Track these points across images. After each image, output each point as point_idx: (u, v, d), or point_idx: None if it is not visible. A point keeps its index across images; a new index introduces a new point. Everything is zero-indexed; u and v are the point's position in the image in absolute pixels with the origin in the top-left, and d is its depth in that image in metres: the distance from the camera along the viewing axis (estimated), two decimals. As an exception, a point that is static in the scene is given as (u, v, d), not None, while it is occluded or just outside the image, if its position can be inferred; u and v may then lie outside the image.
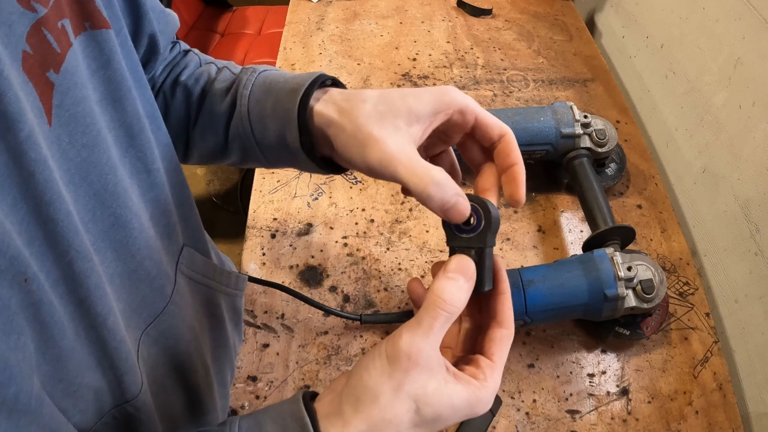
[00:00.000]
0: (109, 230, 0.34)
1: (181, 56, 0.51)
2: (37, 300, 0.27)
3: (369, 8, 1.17)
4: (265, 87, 0.43)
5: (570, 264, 0.63)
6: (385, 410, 0.31)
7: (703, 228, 0.81)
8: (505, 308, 0.36)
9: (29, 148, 0.26)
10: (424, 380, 0.31)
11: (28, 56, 0.28)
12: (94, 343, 0.33)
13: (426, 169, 0.34)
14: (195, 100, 0.48)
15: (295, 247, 0.75)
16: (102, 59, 0.34)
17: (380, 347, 0.33)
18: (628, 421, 0.62)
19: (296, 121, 0.40)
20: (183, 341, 0.45)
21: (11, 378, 0.24)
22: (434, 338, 0.32)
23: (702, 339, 0.68)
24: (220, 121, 0.46)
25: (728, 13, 0.76)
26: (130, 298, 0.38)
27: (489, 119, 0.39)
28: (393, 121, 0.36)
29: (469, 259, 0.34)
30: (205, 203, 1.94)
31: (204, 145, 0.49)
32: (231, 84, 0.46)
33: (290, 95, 0.40)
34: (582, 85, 1.00)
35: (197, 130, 0.48)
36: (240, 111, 0.44)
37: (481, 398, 0.33)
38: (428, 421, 0.32)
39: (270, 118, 0.42)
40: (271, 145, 0.43)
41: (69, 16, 0.31)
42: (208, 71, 0.49)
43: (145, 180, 0.39)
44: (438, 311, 0.32)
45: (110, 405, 0.35)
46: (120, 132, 0.36)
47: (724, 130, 0.77)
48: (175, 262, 0.45)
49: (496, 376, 0.34)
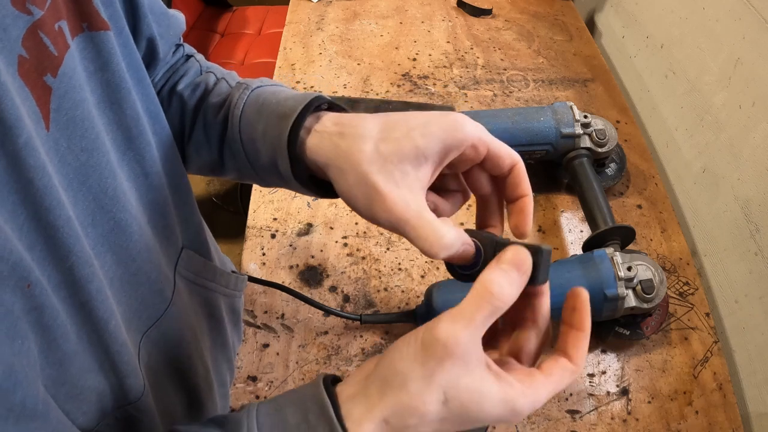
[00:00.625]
0: (109, 234, 0.34)
1: (183, 61, 0.49)
2: (40, 304, 0.27)
3: (369, 8, 1.17)
4: (257, 108, 0.41)
5: (570, 264, 0.63)
6: (412, 397, 0.29)
7: (703, 228, 0.81)
8: (581, 341, 0.33)
9: (28, 154, 0.26)
10: (457, 372, 0.29)
11: (24, 60, 0.27)
12: (97, 347, 0.33)
13: (436, 232, 0.32)
14: (189, 112, 0.46)
15: (295, 247, 0.75)
16: (100, 61, 0.33)
17: (417, 332, 0.31)
18: (628, 421, 0.61)
19: (286, 151, 0.38)
20: (183, 343, 0.45)
21: (17, 384, 0.24)
22: (475, 330, 0.29)
23: (702, 339, 0.68)
24: (214, 138, 0.44)
25: (728, 13, 0.76)
26: (130, 302, 0.38)
27: (501, 150, 0.36)
28: (399, 166, 0.34)
29: (526, 252, 0.32)
30: (205, 203, 1.94)
31: (200, 161, 0.47)
32: (224, 100, 0.44)
33: (281, 121, 0.38)
34: (582, 85, 1.00)
35: (192, 145, 0.46)
36: (232, 131, 0.42)
37: (518, 405, 0.30)
38: (455, 416, 0.30)
39: (261, 143, 0.40)
40: (264, 168, 0.41)
41: (66, 17, 0.31)
42: (205, 82, 0.46)
43: (143, 183, 0.39)
44: (484, 303, 0.29)
45: (112, 407, 0.35)
46: (118, 134, 0.36)
47: (724, 130, 0.77)
48: (174, 265, 0.45)
49: (542, 392, 0.30)
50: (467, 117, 0.35)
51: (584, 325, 0.33)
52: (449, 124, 0.34)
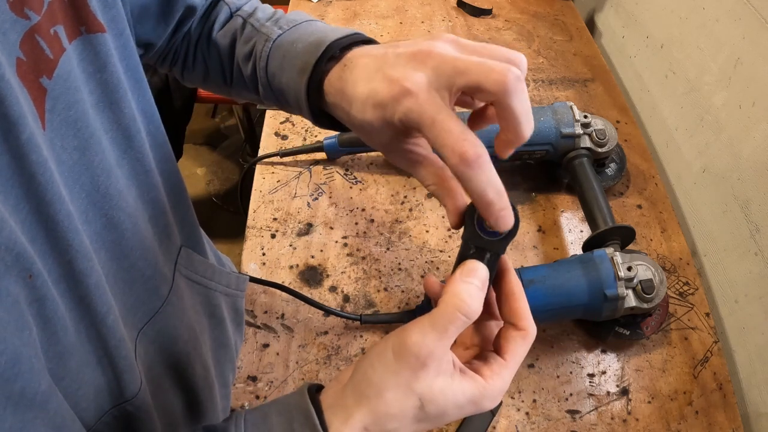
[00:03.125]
0: (102, 231, 0.35)
1: (213, 7, 0.51)
2: (41, 296, 0.28)
3: (369, 8, 1.17)
4: (279, 61, 0.43)
5: (570, 264, 0.63)
6: (389, 405, 0.31)
7: (703, 228, 0.81)
8: (520, 308, 0.35)
9: (30, 150, 0.27)
10: (431, 379, 0.31)
11: (21, 62, 0.28)
12: (95, 341, 0.33)
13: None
14: (226, 59, 0.49)
15: (295, 247, 0.75)
16: (98, 63, 0.34)
17: (387, 342, 0.32)
18: (628, 421, 0.62)
19: (306, 104, 0.41)
20: (180, 341, 0.45)
21: (19, 374, 0.25)
22: (448, 341, 0.31)
23: (702, 339, 0.68)
24: (250, 83, 0.48)
25: (728, 13, 0.76)
26: (125, 298, 0.38)
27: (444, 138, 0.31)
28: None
29: (483, 266, 0.34)
30: (205, 203, 1.94)
31: (246, 98, 0.51)
32: (251, 50, 0.47)
33: (299, 76, 0.41)
34: (582, 85, 1.00)
35: (234, 88, 0.51)
36: (261, 82, 0.45)
37: (487, 396, 0.33)
38: (432, 417, 0.32)
39: (287, 93, 0.43)
40: (295, 111, 0.44)
41: (63, 22, 0.32)
42: (234, 27, 0.49)
43: (144, 181, 0.40)
44: (457, 315, 0.31)
45: (110, 404, 0.35)
46: (117, 134, 0.37)
47: (724, 130, 0.77)
48: (174, 263, 0.45)
49: (505, 375, 0.33)
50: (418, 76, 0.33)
51: (514, 288, 0.35)
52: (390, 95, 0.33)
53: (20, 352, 0.25)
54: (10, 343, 0.25)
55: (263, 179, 0.84)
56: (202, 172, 2.05)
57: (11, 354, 0.24)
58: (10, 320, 0.25)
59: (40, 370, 0.27)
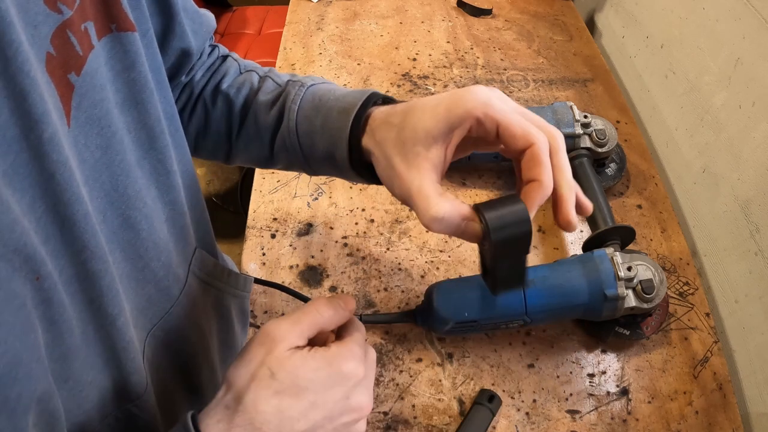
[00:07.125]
0: (118, 230, 0.35)
1: (221, 62, 0.51)
2: (48, 298, 0.27)
3: (369, 8, 1.17)
4: (314, 104, 0.44)
5: (570, 264, 0.63)
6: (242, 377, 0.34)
7: (703, 228, 0.81)
8: None
9: (51, 149, 0.27)
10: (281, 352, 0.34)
11: (51, 57, 0.28)
12: (103, 343, 0.33)
13: (428, 204, 0.35)
14: (237, 111, 0.49)
15: (295, 247, 0.75)
16: (126, 61, 0.34)
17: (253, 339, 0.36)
18: (628, 421, 0.62)
19: (347, 142, 0.41)
20: (188, 342, 0.45)
21: (16, 379, 0.25)
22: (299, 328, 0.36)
23: (702, 339, 0.68)
24: (266, 134, 0.47)
25: (728, 13, 0.76)
26: (136, 299, 0.38)
27: (513, 127, 0.35)
28: (413, 149, 0.37)
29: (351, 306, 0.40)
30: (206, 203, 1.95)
31: (248, 155, 0.50)
32: (277, 97, 0.47)
33: (341, 115, 0.42)
34: (582, 85, 1.00)
35: (241, 140, 0.50)
36: (288, 125, 0.45)
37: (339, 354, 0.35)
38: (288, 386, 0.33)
39: (319, 135, 0.43)
40: (318, 159, 0.45)
41: (93, 18, 0.31)
42: (250, 81, 0.49)
43: (164, 182, 0.39)
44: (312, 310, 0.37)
45: (114, 405, 0.35)
46: (141, 134, 0.36)
47: (724, 130, 0.77)
48: (188, 264, 0.45)
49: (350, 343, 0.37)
50: (481, 90, 0.36)
51: None
52: (454, 101, 0.36)
53: (20, 356, 0.25)
54: (12, 346, 0.24)
55: (263, 179, 0.84)
56: (202, 172, 2.05)
57: (11, 358, 0.24)
58: (16, 323, 0.25)
59: (40, 375, 0.27)
